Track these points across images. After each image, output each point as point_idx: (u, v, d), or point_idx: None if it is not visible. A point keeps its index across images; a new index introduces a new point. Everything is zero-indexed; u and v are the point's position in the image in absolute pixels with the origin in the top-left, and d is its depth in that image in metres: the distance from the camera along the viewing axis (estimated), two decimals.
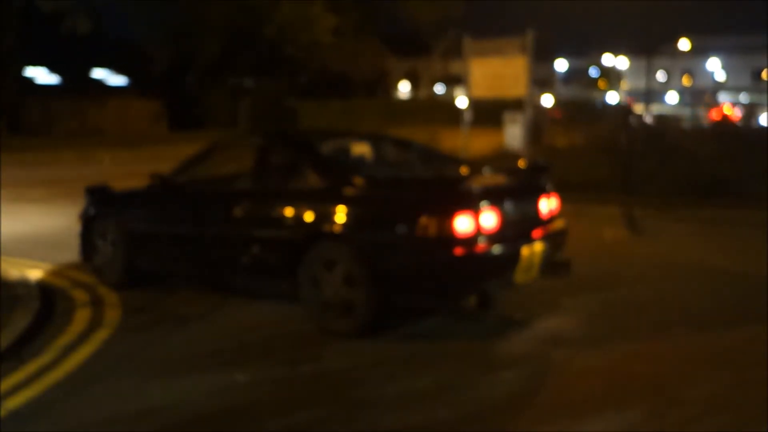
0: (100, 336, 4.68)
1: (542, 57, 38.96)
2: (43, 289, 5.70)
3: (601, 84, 56.55)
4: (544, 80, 46.08)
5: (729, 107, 36.32)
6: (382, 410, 3.53)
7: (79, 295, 5.65)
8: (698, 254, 6.94)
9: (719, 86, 58.26)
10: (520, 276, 4.56)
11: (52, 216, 9.58)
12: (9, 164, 16.30)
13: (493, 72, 12.51)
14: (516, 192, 4.81)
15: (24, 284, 5.82)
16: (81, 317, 5.09)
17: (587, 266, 5.85)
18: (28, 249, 7.39)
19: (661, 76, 59.10)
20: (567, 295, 5.38)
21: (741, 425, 3.31)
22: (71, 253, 6.38)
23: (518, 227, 4.64)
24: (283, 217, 4.85)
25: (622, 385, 3.82)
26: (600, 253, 6.92)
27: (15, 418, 3.48)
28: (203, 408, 3.57)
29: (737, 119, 31.00)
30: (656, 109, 39.75)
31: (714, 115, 33.48)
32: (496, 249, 4.38)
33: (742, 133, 17.29)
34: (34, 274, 6.27)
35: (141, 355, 4.36)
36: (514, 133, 15.48)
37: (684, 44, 54.78)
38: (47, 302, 5.34)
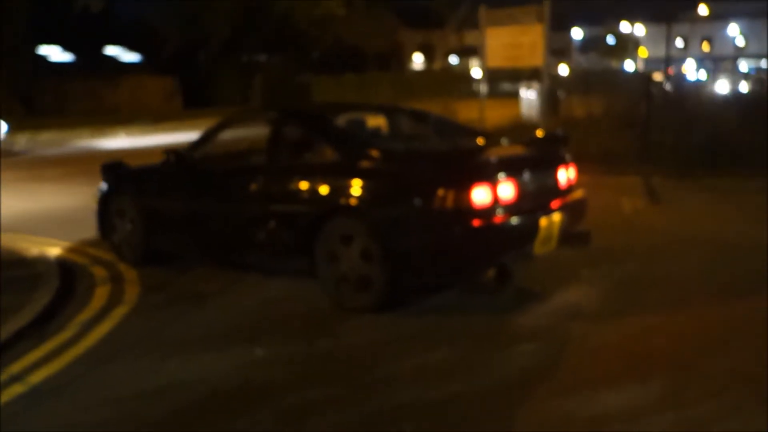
0: (120, 313, 4.71)
1: (559, 26, 38.40)
2: (62, 266, 5.74)
3: (619, 52, 55.67)
4: (560, 49, 45.45)
5: None
6: (399, 386, 3.52)
7: (99, 272, 5.68)
8: (718, 225, 6.83)
9: (740, 52, 57.10)
10: (539, 247, 4.51)
11: (69, 194, 9.63)
12: (26, 144, 16.42)
13: (510, 41, 12.33)
14: (534, 162, 4.74)
15: (44, 262, 5.87)
16: (101, 294, 5.12)
17: (606, 238, 5.77)
18: (47, 227, 7.45)
19: (679, 43, 58.01)
20: (586, 267, 5.32)
21: (761, 397, 3.26)
22: (90, 230, 6.41)
23: (536, 198, 4.57)
24: (299, 192, 4.82)
25: (640, 358, 3.78)
26: (619, 225, 6.83)
27: (37, 394, 3.52)
28: (221, 385, 3.58)
29: None
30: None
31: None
32: (515, 220, 4.33)
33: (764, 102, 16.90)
34: (54, 251, 6.32)
35: (159, 333, 4.39)
36: (530, 104, 15.30)
37: (703, 10, 53.64)
38: (68, 279, 5.38)
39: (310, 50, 34.79)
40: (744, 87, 22.74)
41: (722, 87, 24.68)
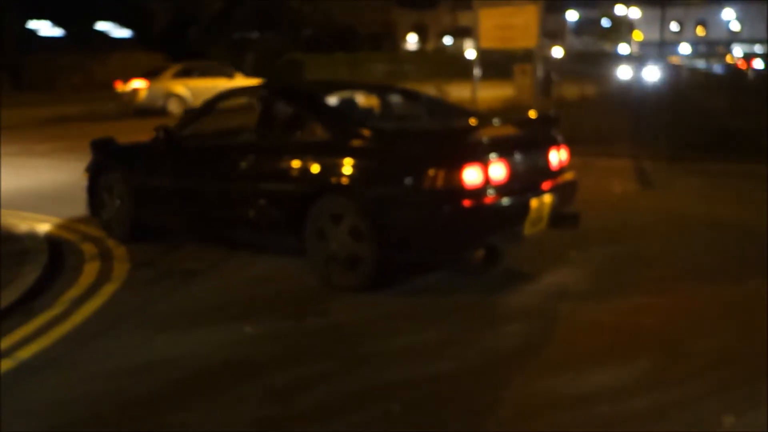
0: (109, 289, 4.70)
1: (553, 7, 38.19)
2: (51, 242, 5.71)
3: (614, 35, 55.50)
4: (554, 31, 45.24)
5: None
6: (388, 363, 3.54)
7: (88, 249, 5.66)
8: (707, 208, 6.87)
9: (734, 37, 57.07)
10: (528, 228, 4.52)
11: (58, 170, 9.57)
12: (14, 119, 16.24)
13: (503, 22, 12.24)
14: (525, 143, 4.73)
15: (32, 238, 5.84)
16: (90, 270, 5.11)
17: (596, 219, 5.80)
18: (36, 203, 7.40)
19: (674, 26, 57.87)
20: (575, 249, 5.34)
21: (746, 378, 3.30)
22: (79, 207, 6.38)
23: (527, 179, 4.57)
24: (290, 170, 4.80)
25: (627, 338, 3.82)
26: (609, 207, 6.86)
27: (25, 370, 3.52)
28: (210, 361, 3.59)
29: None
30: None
31: (740, 64, 33.10)
32: (505, 201, 4.33)
33: (754, 86, 16.97)
34: (43, 227, 6.28)
35: (149, 309, 4.38)
36: (524, 85, 15.25)
37: None
38: (57, 255, 5.36)
39: (302, 28, 34.45)
40: (654, 75, 22.30)
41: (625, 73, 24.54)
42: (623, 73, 24.44)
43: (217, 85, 18.08)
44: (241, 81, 19.46)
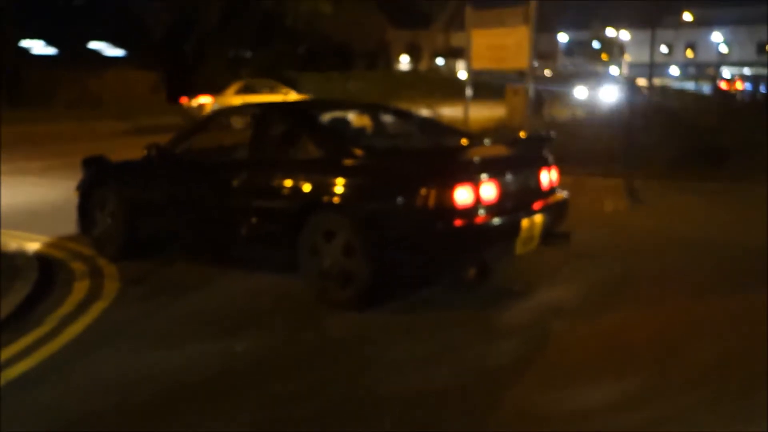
0: (99, 306, 4.68)
1: (545, 28, 38.61)
2: (42, 260, 5.68)
3: (604, 56, 56.10)
4: (546, 52, 45.71)
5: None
6: (382, 375, 3.55)
7: (78, 267, 5.64)
8: (698, 226, 6.93)
9: (723, 59, 57.76)
10: (519, 247, 4.55)
11: (50, 188, 9.54)
12: (8, 136, 16.21)
13: (495, 43, 12.34)
14: (516, 163, 4.77)
15: (23, 256, 5.80)
16: (80, 288, 5.09)
17: (587, 237, 5.84)
18: (27, 221, 7.36)
19: (663, 49, 58.51)
20: (567, 266, 5.37)
21: (738, 392, 3.32)
22: (70, 225, 6.36)
23: (518, 199, 4.61)
24: (282, 188, 4.81)
25: (620, 353, 3.84)
26: (600, 225, 6.90)
27: (16, 386, 3.49)
28: (203, 375, 3.58)
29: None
30: (659, 82, 39.42)
31: (723, 86, 33.63)
32: (496, 221, 4.36)
33: (743, 105, 17.18)
34: (33, 246, 6.26)
35: (140, 325, 4.37)
36: (515, 106, 15.37)
37: (687, 16, 54.19)
38: (47, 273, 5.33)
39: (295, 46, 34.66)
40: (610, 96, 21.76)
41: (581, 93, 24.35)
42: (579, 93, 24.36)
43: (273, 101, 19.51)
44: (293, 97, 20.89)
